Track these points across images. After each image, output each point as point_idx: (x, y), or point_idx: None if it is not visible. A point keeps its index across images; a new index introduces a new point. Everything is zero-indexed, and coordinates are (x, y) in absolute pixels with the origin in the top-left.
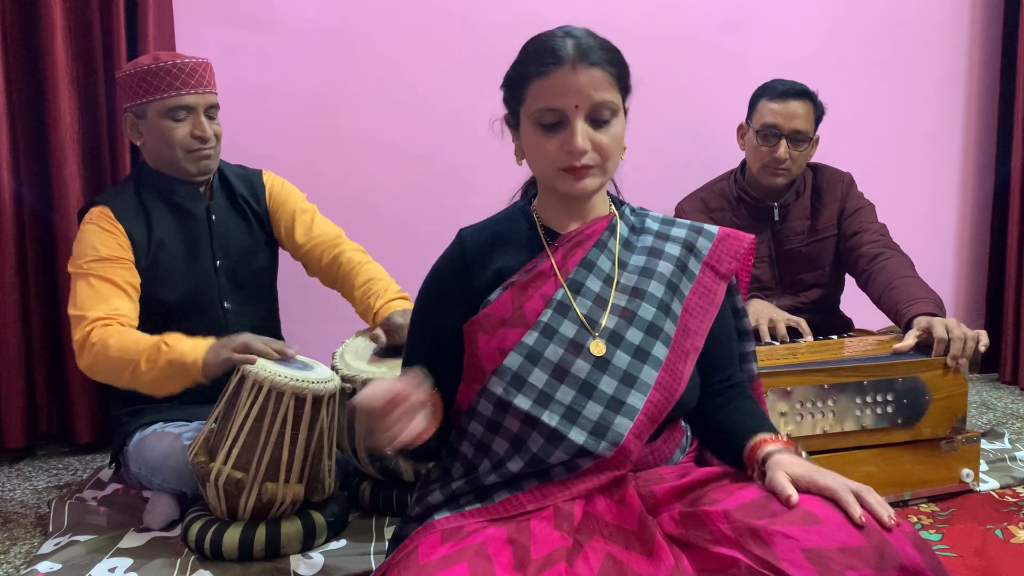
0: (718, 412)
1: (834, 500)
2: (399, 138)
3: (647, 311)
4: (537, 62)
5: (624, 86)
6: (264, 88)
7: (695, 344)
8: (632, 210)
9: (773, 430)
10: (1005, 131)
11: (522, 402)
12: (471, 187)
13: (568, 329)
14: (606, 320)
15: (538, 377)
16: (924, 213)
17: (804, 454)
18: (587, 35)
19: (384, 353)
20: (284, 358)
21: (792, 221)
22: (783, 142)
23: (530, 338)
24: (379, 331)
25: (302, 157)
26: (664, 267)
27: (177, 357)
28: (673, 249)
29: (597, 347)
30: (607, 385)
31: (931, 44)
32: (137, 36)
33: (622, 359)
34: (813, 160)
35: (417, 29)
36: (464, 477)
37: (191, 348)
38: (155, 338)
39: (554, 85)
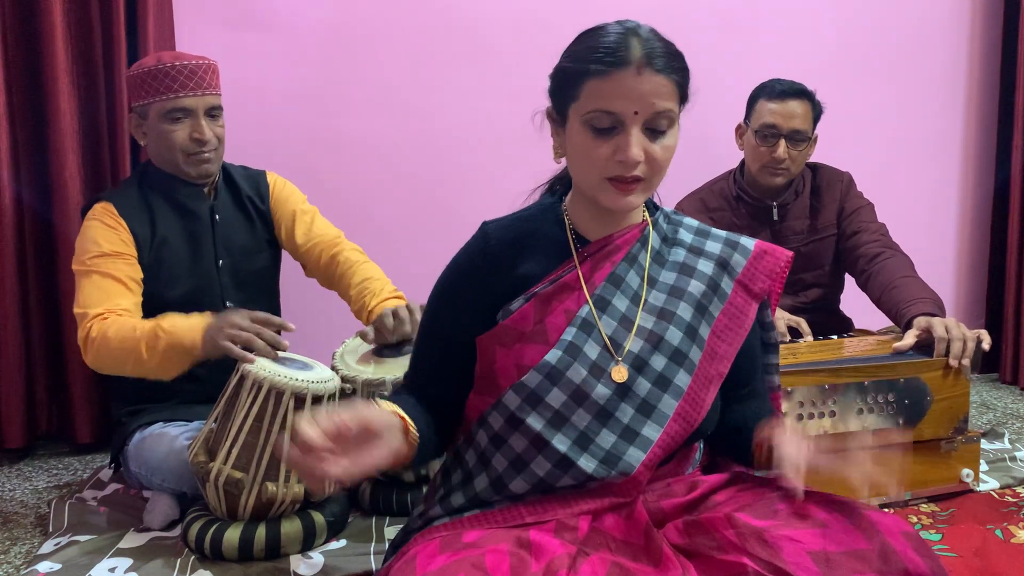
0: (734, 415)
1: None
2: (399, 138)
3: (674, 335)
4: (598, 59)
5: (684, 96)
6: (264, 88)
7: (720, 370)
8: (667, 217)
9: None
10: (1005, 131)
11: (535, 421)
12: (471, 187)
13: (591, 350)
14: (630, 344)
15: (556, 397)
16: (924, 213)
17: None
18: (654, 36)
19: (381, 353)
20: (282, 350)
21: (791, 221)
22: (782, 142)
23: (553, 356)
24: (368, 329)
25: (302, 157)
26: (695, 287)
27: (176, 341)
28: (706, 267)
29: (619, 373)
30: (624, 414)
31: (931, 44)
32: (137, 36)
33: (643, 386)
34: (812, 159)
35: (417, 29)
36: (462, 488)
37: (188, 330)
38: (151, 323)
39: (615, 87)
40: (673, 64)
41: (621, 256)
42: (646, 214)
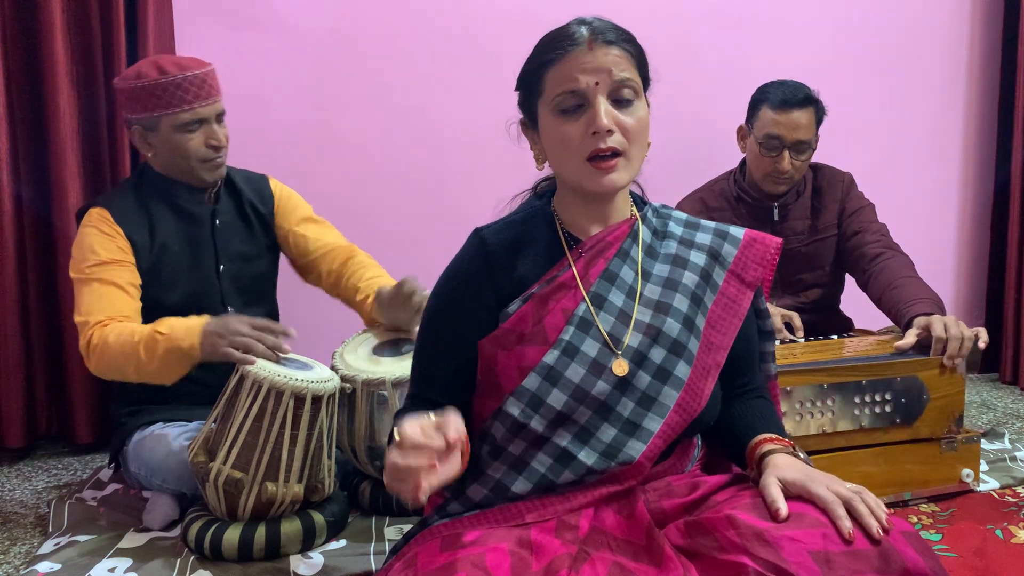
0: (730, 410)
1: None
2: (399, 138)
3: (672, 327)
4: (552, 49)
5: (643, 68)
6: (264, 88)
7: (717, 360)
8: (655, 211)
9: (780, 431)
10: (1005, 131)
11: (537, 424)
12: (471, 187)
13: (591, 348)
14: (629, 338)
15: (557, 398)
16: (924, 213)
17: (803, 455)
18: (600, 19)
19: (382, 351)
20: (283, 353)
21: (792, 221)
22: (786, 153)
23: (551, 357)
24: (384, 292)
25: (302, 157)
26: (689, 278)
27: (174, 345)
28: (698, 258)
29: (620, 367)
30: (624, 407)
31: (931, 44)
32: (137, 36)
33: (643, 380)
34: (813, 159)
35: (417, 29)
36: (456, 499)
37: (185, 333)
38: (149, 327)
39: (571, 66)
40: (622, 36)
41: (613, 252)
42: (634, 209)
